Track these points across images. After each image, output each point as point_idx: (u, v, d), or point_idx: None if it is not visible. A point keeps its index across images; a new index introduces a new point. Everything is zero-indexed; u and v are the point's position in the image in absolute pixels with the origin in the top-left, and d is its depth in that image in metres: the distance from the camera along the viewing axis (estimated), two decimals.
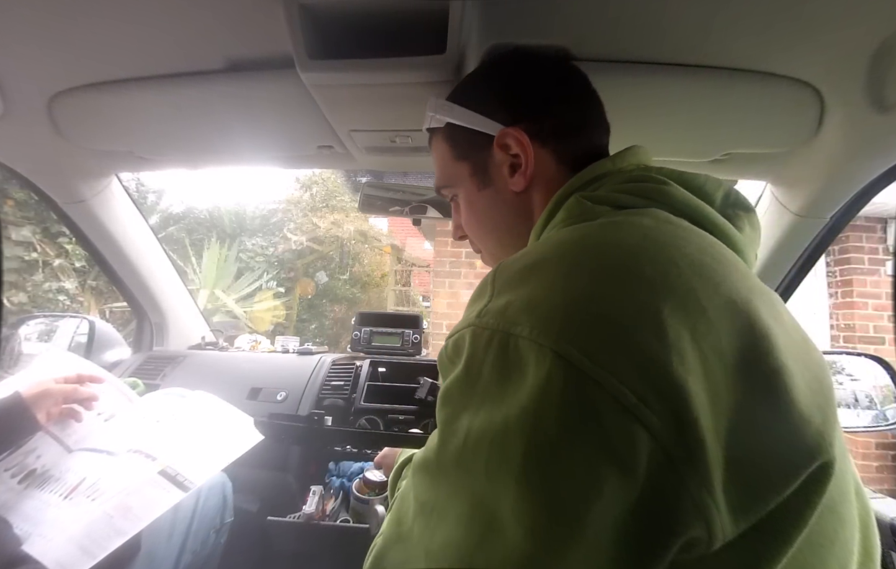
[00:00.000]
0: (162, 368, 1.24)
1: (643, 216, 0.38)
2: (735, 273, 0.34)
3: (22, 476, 0.74)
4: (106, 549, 0.62)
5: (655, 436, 0.27)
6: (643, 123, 0.74)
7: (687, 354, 0.28)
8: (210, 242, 5.79)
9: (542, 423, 0.28)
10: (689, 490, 0.27)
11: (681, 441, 0.27)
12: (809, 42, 0.58)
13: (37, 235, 4.49)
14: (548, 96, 0.49)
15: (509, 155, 0.48)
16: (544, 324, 0.30)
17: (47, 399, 0.78)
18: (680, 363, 0.28)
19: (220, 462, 0.79)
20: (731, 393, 0.28)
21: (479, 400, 0.32)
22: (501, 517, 0.29)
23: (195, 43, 0.64)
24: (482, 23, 0.56)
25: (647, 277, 0.31)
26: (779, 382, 0.30)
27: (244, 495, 1.02)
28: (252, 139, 0.85)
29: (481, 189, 0.51)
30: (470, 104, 0.50)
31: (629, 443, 0.27)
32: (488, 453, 0.30)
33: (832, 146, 0.73)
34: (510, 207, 0.49)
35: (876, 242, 3.37)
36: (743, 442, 0.28)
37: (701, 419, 0.27)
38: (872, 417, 1.21)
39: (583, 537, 0.27)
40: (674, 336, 0.29)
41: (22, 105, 0.76)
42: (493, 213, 0.51)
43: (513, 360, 0.30)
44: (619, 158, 0.46)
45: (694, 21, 0.56)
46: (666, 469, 0.27)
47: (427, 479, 0.35)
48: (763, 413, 0.29)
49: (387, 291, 7.10)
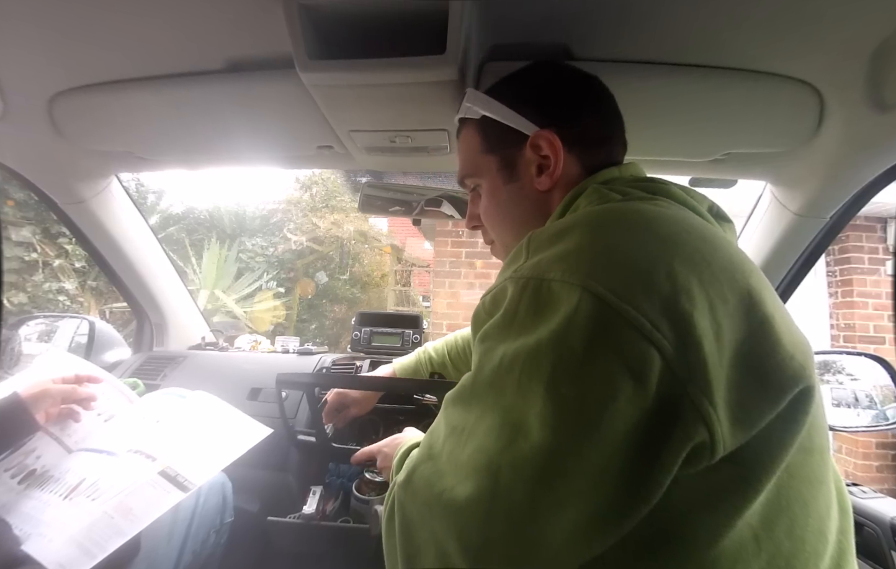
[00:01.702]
0: (162, 369, 1.24)
1: (654, 201, 0.44)
2: (730, 246, 0.40)
3: (22, 476, 0.74)
4: (106, 549, 0.62)
5: (665, 356, 0.32)
6: (643, 123, 0.74)
7: (694, 295, 0.34)
8: (210, 242, 5.79)
9: (569, 341, 0.34)
10: (693, 402, 0.32)
11: (686, 361, 0.32)
12: (809, 42, 0.58)
13: (37, 236, 4.49)
14: (581, 107, 0.52)
15: (539, 155, 0.51)
16: (574, 268, 0.36)
17: (46, 400, 0.78)
18: (688, 301, 0.34)
19: (221, 463, 0.79)
20: (732, 329, 0.34)
21: (515, 333, 0.37)
22: (528, 423, 0.34)
23: (195, 43, 0.64)
24: (482, 23, 0.56)
25: (662, 236, 0.37)
26: (769, 326, 0.36)
27: (244, 495, 1.02)
28: (252, 139, 0.85)
29: (507, 183, 0.53)
30: (507, 101, 0.53)
31: (643, 360, 0.32)
32: (521, 369, 0.35)
33: (832, 146, 0.73)
34: (531, 203, 0.52)
35: (876, 242, 3.37)
36: (741, 367, 0.34)
37: (704, 345, 0.33)
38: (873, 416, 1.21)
39: (599, 436, 0.32)
40: (683, 281, 0.34)
41: (22, 105, 0.76)
42: (514, 207, 0.54)
43: (545, 299, 0.36)
44: (623, 168, 0.51)
45: (694, 21, 0.56)
46: (673, 383, 0.32)
47: (459, 407, 0.40)
48: (757, 346, 0.35)
49: (387, 291, 7.10)
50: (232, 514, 0.94)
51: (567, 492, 0.33)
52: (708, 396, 0.32)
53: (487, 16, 0.56)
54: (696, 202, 0.47)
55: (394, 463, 0.55)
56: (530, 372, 0.34)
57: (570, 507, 0.33)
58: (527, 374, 0.35)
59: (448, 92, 0.61)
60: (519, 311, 0.37)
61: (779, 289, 1.03)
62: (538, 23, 0.58)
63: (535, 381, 0.34)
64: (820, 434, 0.39)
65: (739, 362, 0.34)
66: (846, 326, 3.38)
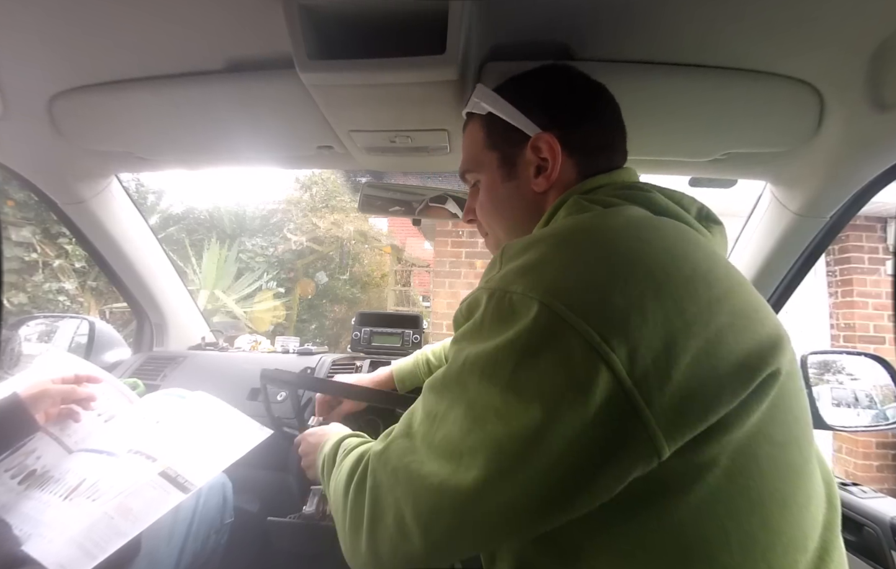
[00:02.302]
0: (162, 369, 1.23)
1: (629, 209, 0.45)
2: (702, 252, 0.42)
3: (22, 477, 0.74)
4: (107, 550, 0.62)
5: (614, 370, 0.34)
6: (643, 123, 0.74)
7: (647, 311, 0.35)
8: (210, 242, 5.78)
9: (523, 349, 0.37)
10: (641, 418, 0.33)
11: (635, 376, 0.34)
12: (809, 42, 0.58)
13: (37, 236, 4.49)
14: (584, 114, 0.54)
15: (538, 157, 0.52)
16: (535, 282, 0.38)
17: (45, 400, 0.78)
18: (640, 316, 0.35)
19: (221, 463, 0.79)
20: (686, 343, 0.35)
21: (479, 338, 0.40)
22: (485, 417, 0.38)
23: (195, 43, 0.64)
24: (482, 22, 0.56)
25: (622, 251, 0.39)
26: (727, 332, 0.37)
27: (244, 495, 1.02)
28: (252, 139, 0.85)
29: (504, 181, 0.55)
30: (513, 101, 0.54)
31: (590, 373, 0.34)
32: (482, 369, 0.39)
33: (832, 146, 0.73)
34: (527, 203, 0.54)
35: (876, 242, 3.37)
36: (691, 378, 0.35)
37: (654, 360, 0.34)
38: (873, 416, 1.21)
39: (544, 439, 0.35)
40: (637, 297, 0.36)
41: (22, 105, 0.76)
42: (509, 204, 0.56)
43: (507, 310, 0.39)
44: (614, 174, 0.52)
45: (694, 21, 0.56)
46: (621, 398, 0.34)
47: (433, 395, 0.44)
48: (713, 355, 0.36)
49: (387, 291, 7.10)
50: (232, 514, 0.94)
51: (511, 482, 0.36)
52: (654, 411, 0.34)
53: (487, 16, 0.56)
54: (679, 208, 0.48)
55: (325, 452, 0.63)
56: (490, 373, 0.38)
57: (510, 494, 0.36)
58: (487, 374, 0.38)
59: (448, 92, 0.61)
60: (485, 319, 0.40)
61: (779, 289, 1.03)
62: (538, 23, 0.58)
63: (492, 380, 0.38)
64: (797, 425, 0.39)
65: (692, 375, 0.35)
66: (846, 325, 3.38)
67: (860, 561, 0.78)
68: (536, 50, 0.62)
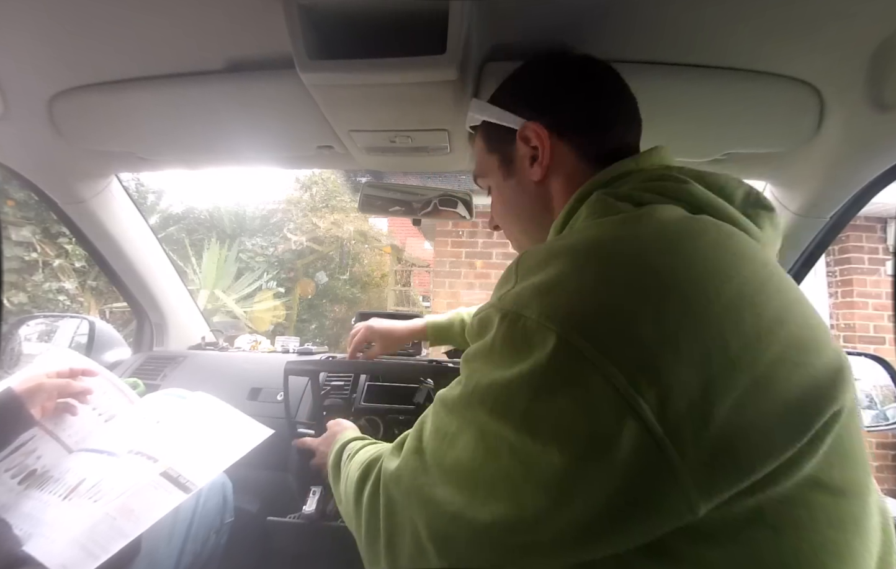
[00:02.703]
0: (162, 369, 1.24)
1: (662, 211, 0.39)
2: (750, 265, 0.35)
3: (22, 476, 0.74)
4: (109, 550, 0.62)
5: (642, 417, 0.29)
6: (643, 123, 0.74)
7: (681, 345, 0.30)
8: (210, 242, 5.79)
9: (541, 388, 0.33)
10: (670, 467, 0.29)
11: (666, 424, 0.29)
12: (809, 42, 0.58)
13: (37, 236, 4.48)
14: (570, 92, 0.52)
15: (530, 147, 0.51)
16: (552, 309, 0.34)
17: (40, 394, 0.77)
18: (673, 352, 0.30)
19: (222, 464, 0.79)
20: (729, 382, 0.30)
21: (491, 363, 0.37)
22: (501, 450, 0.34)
23: (195, 43, 0.64)
24: (482, 23, 0.56)
25: (655, 269, 0.34)
26: (777, 372, 0.31)
27: (244, 495, 1.02)
28: (252, 139, 0.85)
29: (507, 179, 0.55)
30: (501, 103, 0.55)
31: (615, 420, 0.30)
32: (494, 400, 0.35)
33: (832, 146, 0.73)
34: (531, 196, 0.53)
35: (876, 242, 3.37)
36: (735, 426, 0.30)
37: (686, 407, 0.29)
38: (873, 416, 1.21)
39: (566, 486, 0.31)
40: (672, 328, 0.31)
41: (22, 105, 0.76)
42: (516, 201, 0.56)
43: (520, 336, 0.35)
44: (642, 158, 0.47)
45: (694, 21, 0.56)
46: (650, 449, 0.29)
47: (443, 410, 0.41)
48: (759, 398, 0.30)
49: (387, 291, 7.10)
50: (232, 514, 0.94)
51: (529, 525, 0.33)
52: (689, 465, 0.29)
53: (488, 16, 0.56)
54: (722, 200, 0.42)
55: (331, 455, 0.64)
56: (503, 407, 0.35)
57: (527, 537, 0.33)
58: (499, 406, 0.35)
59: (448, 92, 0.61)
60: (496, 342, 0.37)
61: None
62: (538, 23, 0.58)
63: (505, 415, 0.34)
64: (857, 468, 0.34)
65: (736, 423, 0.30)
66: (846, 326, 3.38)
67: None
68: (536, 50, 0.62)
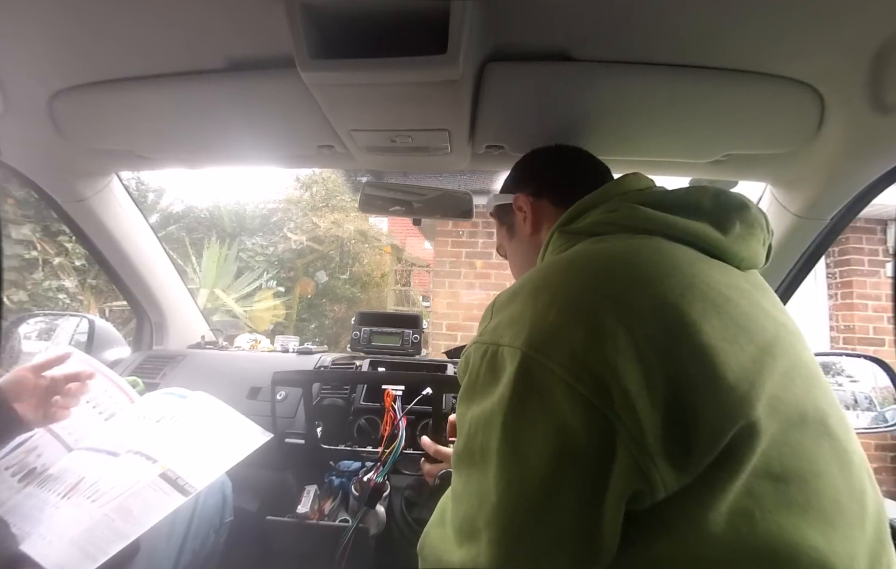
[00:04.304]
0: (162, 368, 1.24)
1: (604, 241, 0.48)
2: (675, 275, 0.42)
3: (22, 475, 0.74)
4: (107, 552, 0.62)
5: (593, 404, 0.35)
6: (643, 124, 0.74)
7: (619, 340, 0.36)
8: (210, 241, 5.78)
9: (511, 403, 0.38)
10: (627, 448, 0.34)
11: (613, 408, 0.35)
12: (809, 43, 0.58)
13: (37, 234, 4.48)
14: (545, 168, 0.68)
15: (521, 212, 0.66)
16: (517, 334, 0.40)
17: (24, 389, 0.75)
18: (613, 348, 0.36)
19: (222, 467, 0.79)
20: (663, 370, 0.36)
21: (477, 397, 0.42)
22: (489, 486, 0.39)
23: (196, 42, 0.64)
24: (483, 23, 0.56)
25: (590, 288, 0.41)
26: (703, 356, 0.37)
27: (244, 494, 1.02)
28: (252, 139, 0.85)
29: (512, 240, 0.71)
30: (503, 190, 0.73)
31: (573, 411, 0.36)
32: (482, 434, 0.40)
33: (832, 147, 0.73)
34: (528, 246, 0.66)
35: (876, 244, 3.37)
36: (675, 409, 0.35)
37: (632, 390, 0.35)
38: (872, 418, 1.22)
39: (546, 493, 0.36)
40: (610, 329, 0.37)
41: (22, 104, 0.76)
42: (520, 252, 0.69)
43: (499, 363, 0.41)
44: (601, 193, 0.55)
45: (694, 22, 0.56)
46: (606, 431, 0.35)
47: (455, 473, 0.45)
48: (691, 385, 0.36)
49: (387, 290, 7.10)
50: (232, 513, 0.94)
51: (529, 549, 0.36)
52: (640, 443, 0.34)
53: (488, 16, 0.56)
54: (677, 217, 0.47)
55: None
56: (486, 436, 0.40)
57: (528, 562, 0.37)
58: (484, 438, 0.40)
59: (448, 92, 0.61)
60: (479, 376, 0.42)
61: (778, 291, 1.03)
62: (539, 23, 0.58)
63: (490, 444, 0.39)
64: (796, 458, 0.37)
65: (673, 403, 0.35)
66: (846, 327, 3.38)
67: None
68: (537, 50, 0.62)
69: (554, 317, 0.39)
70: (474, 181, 2.51)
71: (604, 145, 0.81)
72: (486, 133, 0.78)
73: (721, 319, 0.39)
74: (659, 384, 0.35)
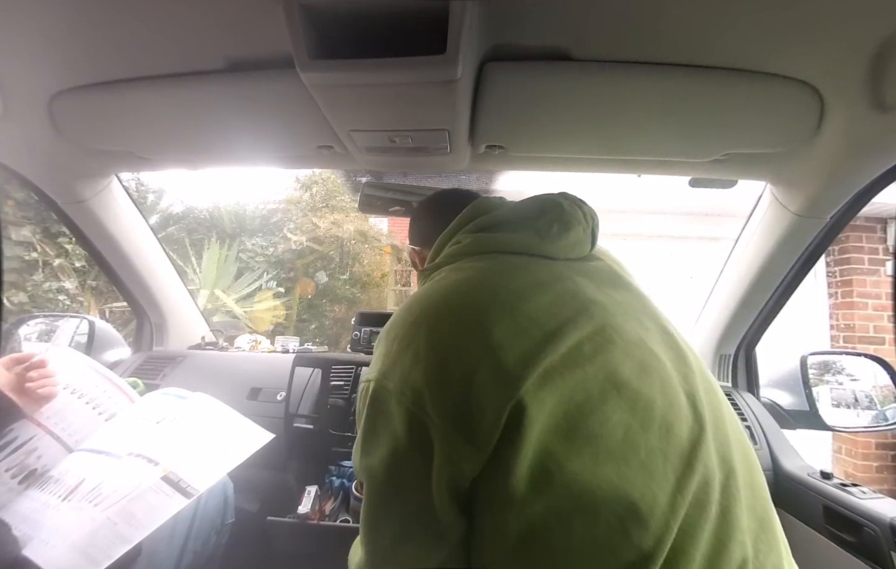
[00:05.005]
0: (162, 368, 1.24)
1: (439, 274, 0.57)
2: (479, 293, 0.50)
3: (22, 476, 0.74)
4: (111, 556, 0.62)
5: (411, 410, 0.44)
6: (643, 123, 0.74)
7: (422, 358, 0.46)
8: (210, 242, 5.77)
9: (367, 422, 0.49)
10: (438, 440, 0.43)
11: (426, 410, 0.44)
12: (809, 42, 0.58)
13: (37, 235, 4.48)
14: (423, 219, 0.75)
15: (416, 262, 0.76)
16: (375, 364, 0.51)
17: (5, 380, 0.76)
18: (416, 368, 0.46)
19: (223, 468, 0.79)
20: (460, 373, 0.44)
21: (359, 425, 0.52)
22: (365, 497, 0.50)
23: (195, 43, 0.64)
24: (482, 23, 0.56)
25: (415, 320, 0.50)
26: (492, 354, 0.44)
27: (245, 495, 1.02)
28: (252, 139, 0.85)
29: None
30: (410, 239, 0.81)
31: (401, 418, 0.45)
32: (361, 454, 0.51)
33: (832, 146, 0.73)
34: None
35: (876, 243, 3.37)
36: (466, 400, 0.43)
37: (436, 394, 0.44)
38: (872, 417, 1.22)
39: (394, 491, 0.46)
40: (422, 350, 0.47)
41: (22, 105, 0.76)
42: None
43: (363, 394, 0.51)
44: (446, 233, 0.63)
45: (694, 21, 0.56)
46: (421, 430, 0.44)
47: None
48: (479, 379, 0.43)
49: (387, 291, 7.08)
50: (233, 514, 0.94)
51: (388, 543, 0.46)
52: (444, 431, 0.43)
53: (488, 16, 0.56)
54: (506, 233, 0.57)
55: None
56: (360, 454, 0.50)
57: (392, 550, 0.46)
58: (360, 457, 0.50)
59: (448, 92, 0.61)
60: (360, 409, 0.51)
61: (778, 289, 1.03)
62: (538, 23, 0.58)
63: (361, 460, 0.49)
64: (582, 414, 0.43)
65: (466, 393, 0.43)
66: (846, 326, 3.38)
67: (860, 562, 0.78)
68: (536, 50, 0.62)
69: (395, 349, 0.49)
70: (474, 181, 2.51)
71: (603, 145, 0.81)
72: (486, 133, 0.78)
73: (513, 317, 0.47)
74: (455, 384, 0.44)
